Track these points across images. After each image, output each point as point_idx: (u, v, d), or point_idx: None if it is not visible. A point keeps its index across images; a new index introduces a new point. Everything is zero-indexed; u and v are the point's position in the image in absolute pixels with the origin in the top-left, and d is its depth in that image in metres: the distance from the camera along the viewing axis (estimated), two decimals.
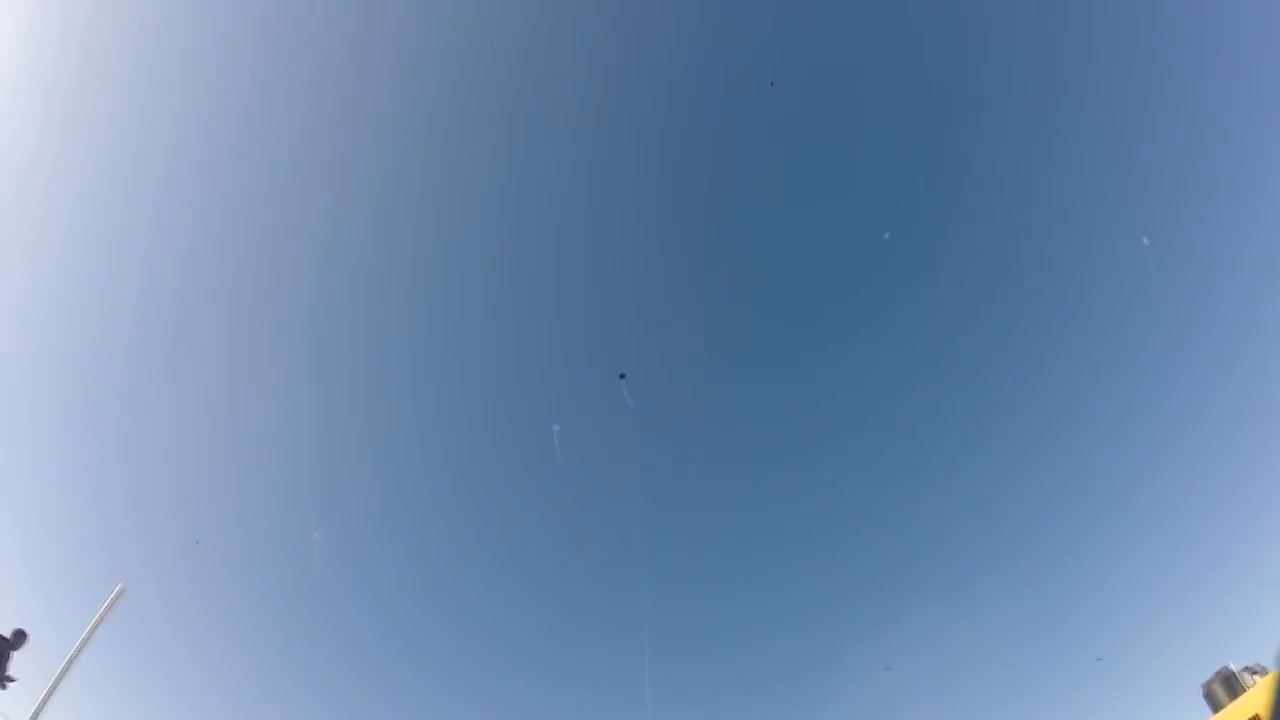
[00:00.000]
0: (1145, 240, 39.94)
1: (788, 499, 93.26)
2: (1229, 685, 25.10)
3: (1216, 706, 25.18)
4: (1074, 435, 79.92)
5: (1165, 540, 79.27)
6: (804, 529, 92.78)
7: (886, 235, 51.38)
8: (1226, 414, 66.81)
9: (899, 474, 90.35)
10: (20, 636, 13.71)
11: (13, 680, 13.51)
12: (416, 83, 49.47)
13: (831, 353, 77.77)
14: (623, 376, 39.19)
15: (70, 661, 14.95)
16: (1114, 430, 78.06)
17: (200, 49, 44.36)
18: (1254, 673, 24.83)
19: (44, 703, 14.20)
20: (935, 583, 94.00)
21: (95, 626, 15.47)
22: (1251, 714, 22.55)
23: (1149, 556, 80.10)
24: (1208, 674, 26.32)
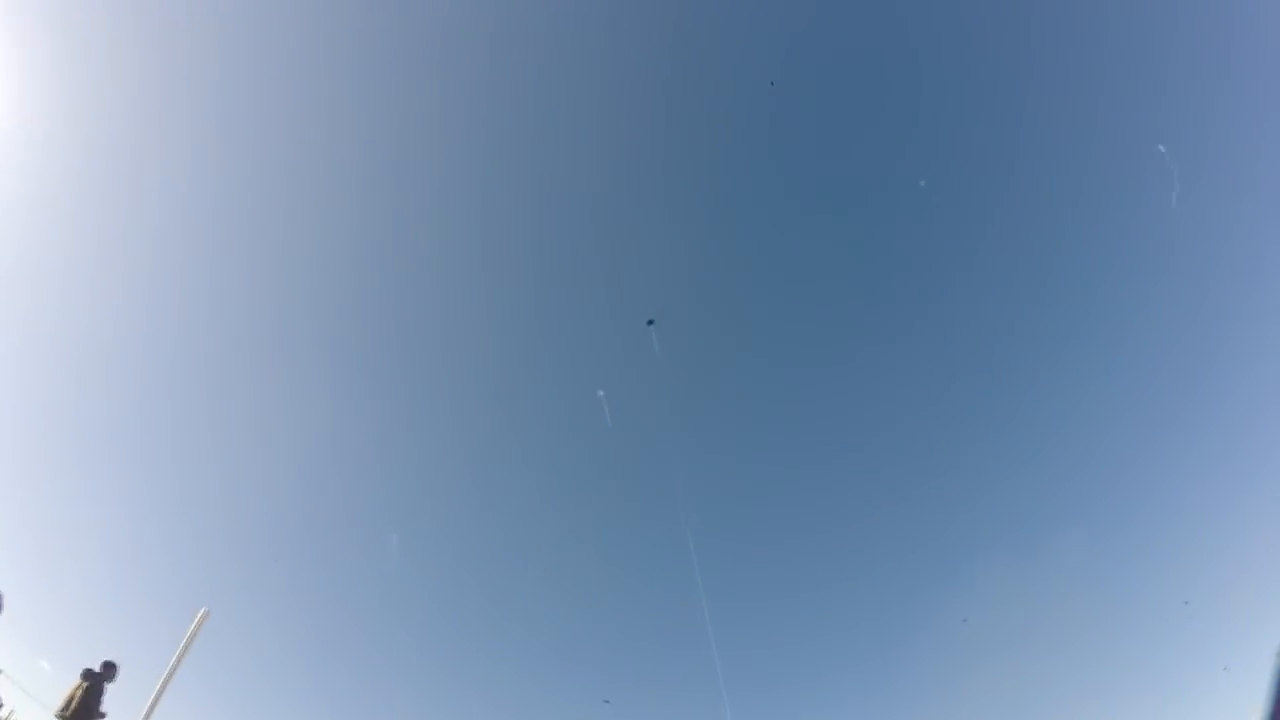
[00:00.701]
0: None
1: (855, 468, 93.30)
2: None
3: None
4: (1151, 378, 79.84)
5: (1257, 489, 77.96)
6: (874, 498, 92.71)
7: (922, 183, 51.69)
8: None
9: (974, 432, 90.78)
10: (110, 668, 13.50)
11: (104, 716, 13.30)
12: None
13: (895, 320, 78.95)
14: (650, 323, 38.19)
15: (162, 688, 14.73)
16: (1193, 373, 77.84)
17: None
18: None
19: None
20: (1011, 538, 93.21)
21: (184, 651, 15.28)
22: None
23: (1239, 505, 78.69)
24: None
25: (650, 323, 38.95)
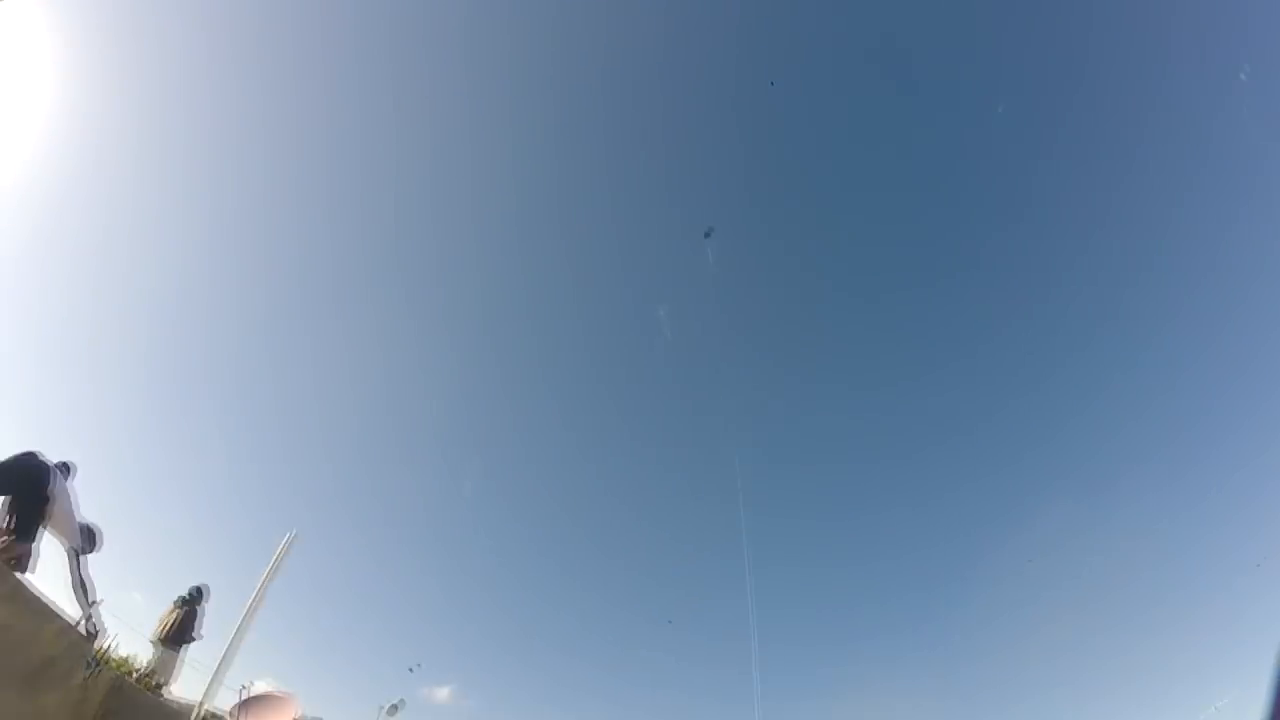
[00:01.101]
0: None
1: (919, 404, 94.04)
2: None
3: None
4: (1222, 323, 77.75)
5: None
6: (937, 434, 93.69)
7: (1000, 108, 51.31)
8: None
9: (1037, 375, 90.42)
10: (201, 593, 13.90)
11: (201, 637, 13.73)
12: None
13: (965, 250, 78.38)
14: (708, 235, 37.37)
15: (252, 608, 15.18)
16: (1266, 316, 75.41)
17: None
18: None
19: (232, 649, 14.45)
20: (1075, 483, 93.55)
21: (272, 572, 15.69)
22: None
23: None
24: None
25: (708, 234, 37.78)
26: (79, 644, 9.22)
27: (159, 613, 13.58)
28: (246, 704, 14.55)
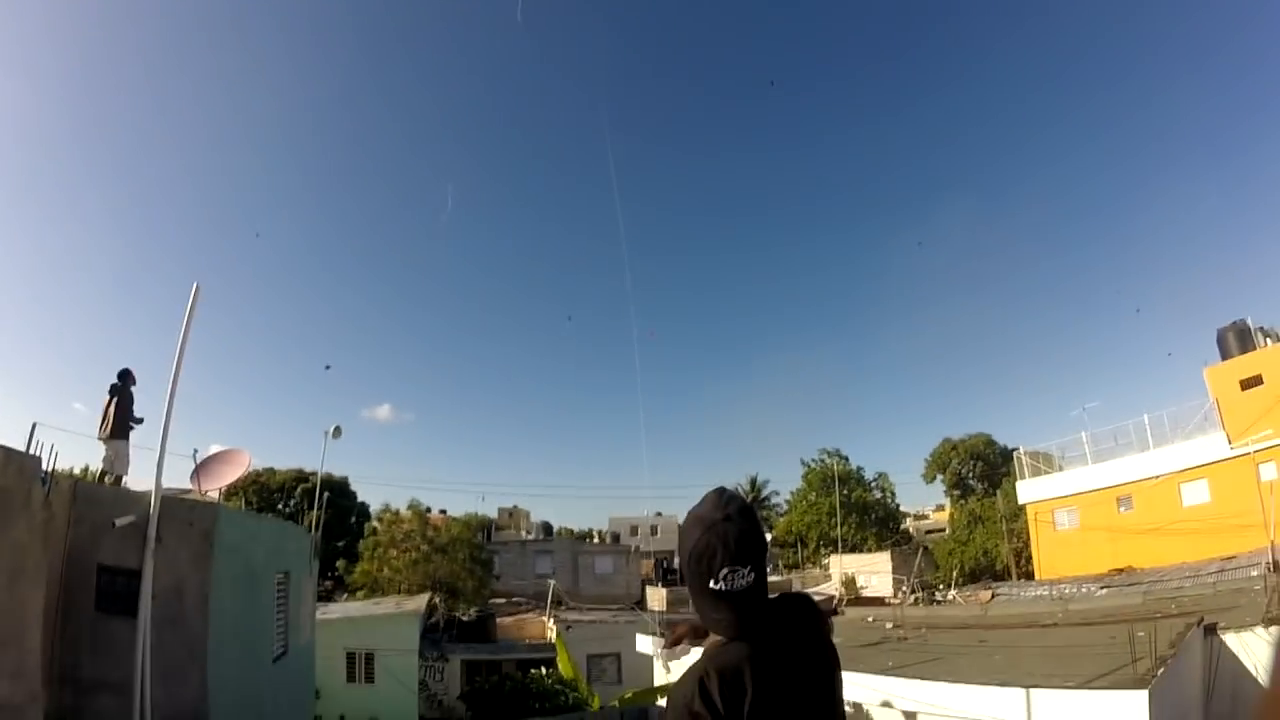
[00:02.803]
0: None
1: (811, 89, 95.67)
2: (1241, 338, 26.25)
3: (1225, 354, 26.63)
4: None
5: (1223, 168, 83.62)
6: (831, 126, 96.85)
7: None
8: None
9: (936, 72, 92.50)
10: (127, 376, 13.36)
11: (141, 420, 13.42)
12: None
13: None
14: None
15: (175, 374, 14.81)
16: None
17: None
18: (1268, 334, 25.76)
19: (167, 418, 14.28)
20: (975, 183, 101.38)
21: (185, 331, 15.18)
22: (1254, 372, 24.38)
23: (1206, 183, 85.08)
24: (1225, 321, 27.17)
25: None
26: (28, 465, 8.84)
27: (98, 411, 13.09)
28: (202, 467, 14.76)
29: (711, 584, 1.64)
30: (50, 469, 9.45)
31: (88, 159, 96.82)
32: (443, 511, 57.45)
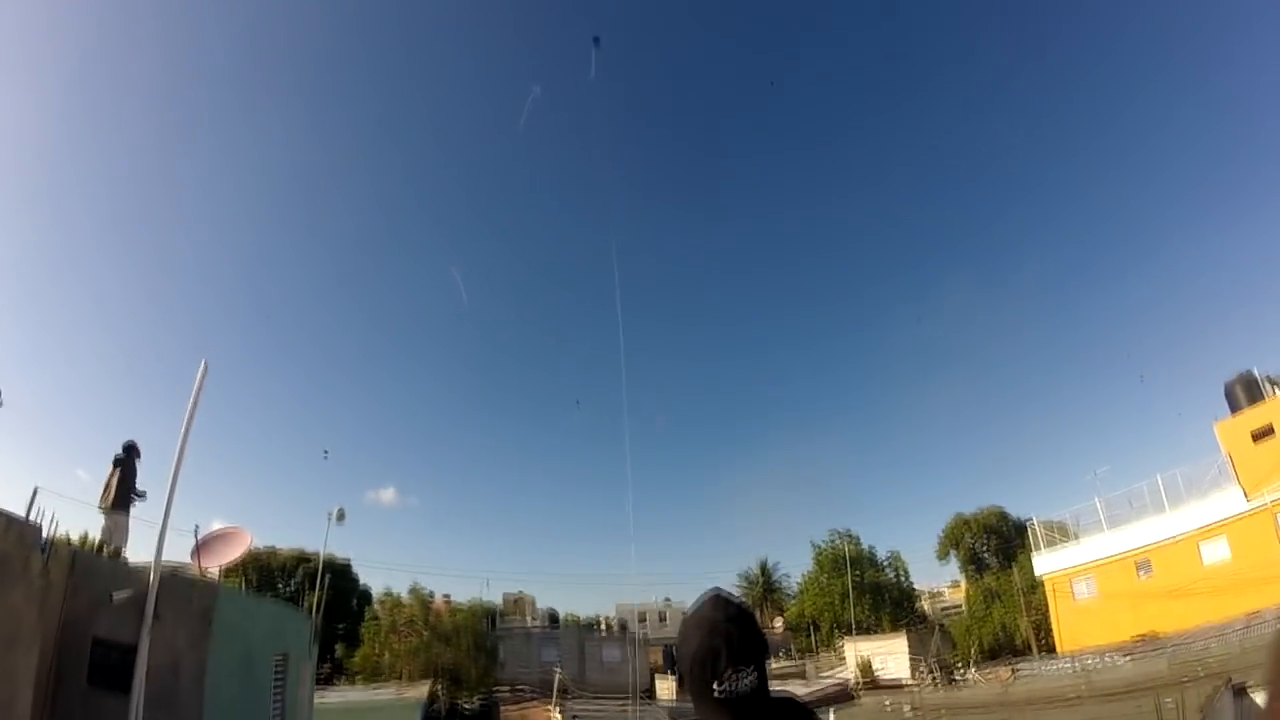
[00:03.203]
0: None
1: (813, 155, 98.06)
2: (1249, 389, 26.05)
3: (1234, 407, 26.42)
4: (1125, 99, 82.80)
5: (1217, 231, 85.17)
6: (833, 194, 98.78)
7: None
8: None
9: (935, 135, 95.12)
10: (132, 449, 13.41)
11: (143, 494, 13.35)
12: None
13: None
14: (597, 41, 37.59)
15: (181, 447, 14.78)
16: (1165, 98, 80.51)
17: None
18: (1276, 384, 25.58)
19: (170, 494, 14.19)
20: (971, 254, 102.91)
21: (193, 408, 15.25)
22: (1265, 422, 24.21)
23: (1199, 245, 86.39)
24: (1231, 374, 27.16)
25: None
26: (28, 532, 8.72)
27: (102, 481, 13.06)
28: (203, 545, 14.54)
29: (715, 686, 1.60)
30: (50, 536, 9.32)
31: (100, 228, 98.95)
32: (446, 597, 56.10)
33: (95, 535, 11.77)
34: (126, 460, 13.05)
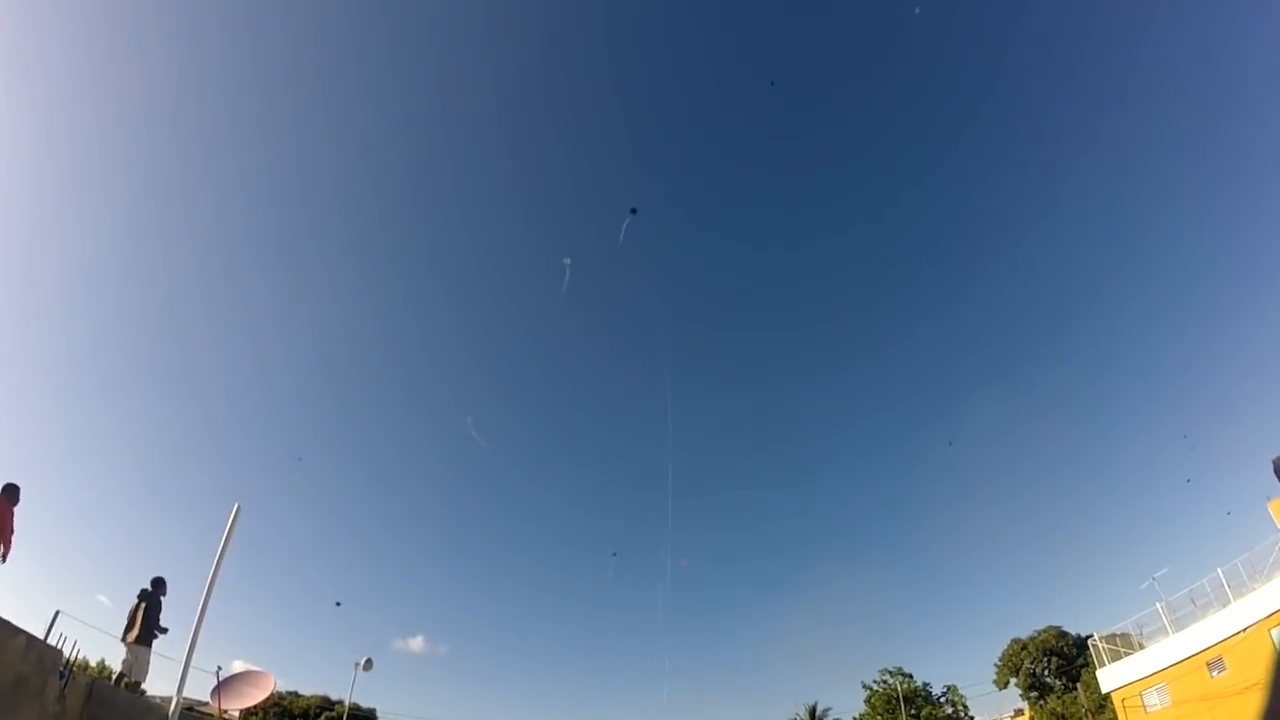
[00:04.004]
0: None
1: (839, 278, 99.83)
2: None
3: None
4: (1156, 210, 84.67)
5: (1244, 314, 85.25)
6: (862, 315, 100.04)
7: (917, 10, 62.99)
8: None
9: (973, 263, 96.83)
10: (160, 584, 13.35)
11: (165, 630, 13.18)
12: None
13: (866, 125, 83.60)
14: (634, 211, 39.82)
15: (210, 587, 14.69)
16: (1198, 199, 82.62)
17: None
18: None
19: (195, 633, 14.02)
20: (999, 371, 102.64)
21: (224, 549, 15.31)
22: None
23: (1229, 335, 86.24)
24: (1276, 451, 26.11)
25: (634, 211, 40.35)
26: (48, 655, 8.55)
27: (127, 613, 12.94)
28: (224, 685, 14.13)
29: None
30: (69, 661, 9.13)
31: (132, 354, 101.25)
32: None
33: (114, 663, 11.53)
34: (153, 595, 12.95)
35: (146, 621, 12.55)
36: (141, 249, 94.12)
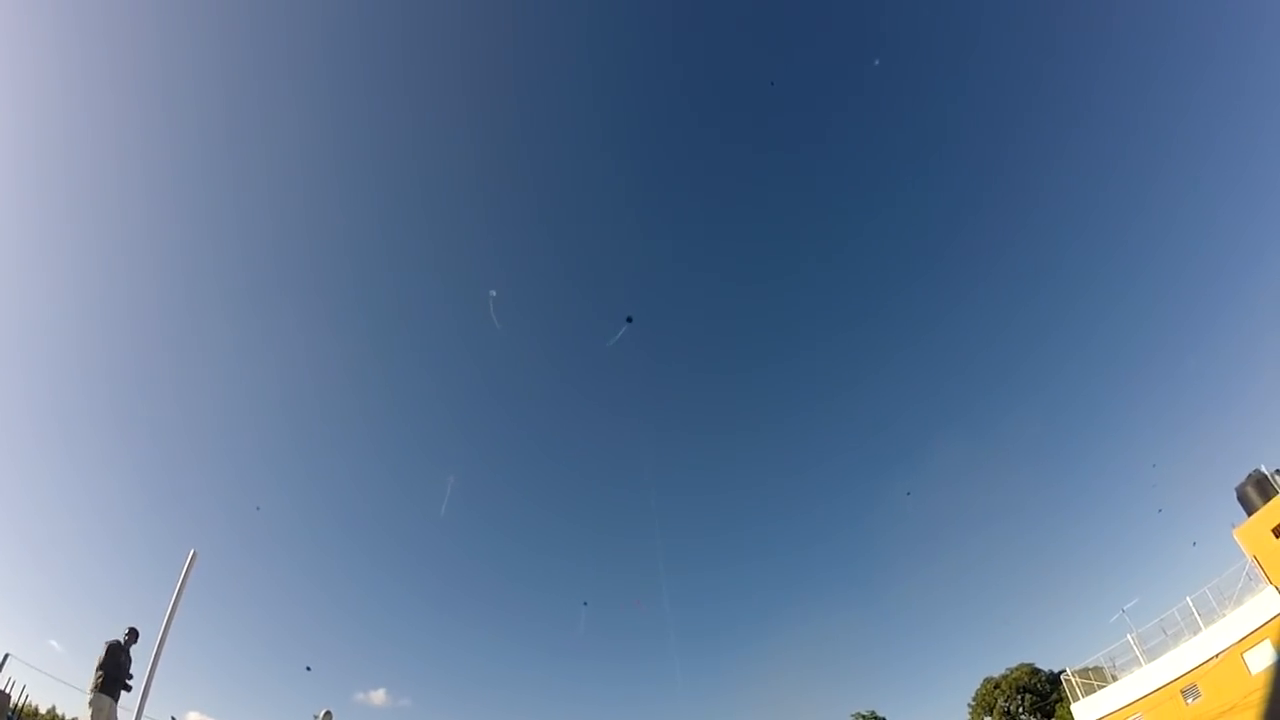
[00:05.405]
0: None
1: (791, 318, 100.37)
2: (1261, 487, 25.62)
3: (1249, 509, 25.82)
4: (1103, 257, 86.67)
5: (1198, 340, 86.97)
6: (814, 353, 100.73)
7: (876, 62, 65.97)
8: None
9: (930, 315, 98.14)
10: (134, 635, 12.86)
11: (131, 684, 12.66)
12: None
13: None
14: (630, 320, 40.80)
15: (164, 633, 14.25)
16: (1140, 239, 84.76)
17: None
18: None
19: (149, 680, 13.54)
20: (959, 415, 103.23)
21: (179, 594, 14.96)
22: None
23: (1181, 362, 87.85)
24: (1239, 477, 26.65)
25: (629, 320, 41.13)
26: None
27: (80, 660, 12.42)
28: None
29: None
30: (18, 707, 8.64)
31: (90, 402, 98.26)
32: None
33: (64, 709, 10.96)
34: (124, 646, 12.45)
35: (116, 672, 12.02)
36: (101, 292, 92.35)
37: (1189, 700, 24.34)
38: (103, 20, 65.55)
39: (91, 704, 11.78)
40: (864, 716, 59.74)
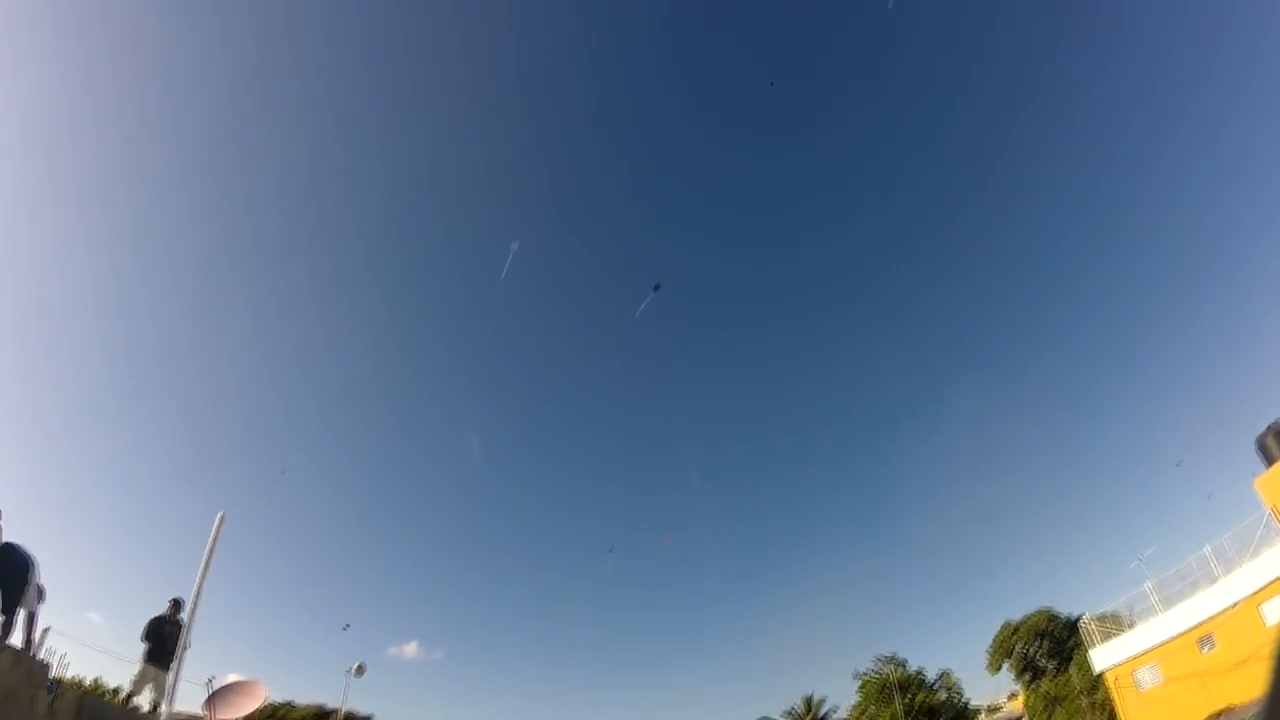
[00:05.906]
0: None
1: (818, 273, 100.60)
2: None
3: (1269, 459, 25.80)
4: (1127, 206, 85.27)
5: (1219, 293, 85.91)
6: (834, 311, 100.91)
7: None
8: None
9: (959, 258, 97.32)
10: (177, 605, 13.25)
11: (184, 647, 13.12)
12: None
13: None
14: (657, 288, 40.38)
15: (195, 597, 14.62)
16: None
17: None
18: None
19: (183, 648, 13.96)
20: (983, 358, 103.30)
21: (208, 558, 15.24)
22: None
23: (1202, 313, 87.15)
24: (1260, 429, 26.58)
25: (657, 288, 40.57)
26: (36, 670, 8.42)
27: (119, 630, 13.05)
28: (216, 696, 13.98)
29: None
30: (58, 677, 8.99)
31: (117, 367, 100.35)
32: None
33: (107, 680, 11.43)
34: (166, 619, 12.96)
35: (170, 645, 12.48)
36: (125, 259, 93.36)
37: (1204, 649, 24.50)
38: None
39: (138, 674, 12.31)
40: (885, 660, 60.65)
